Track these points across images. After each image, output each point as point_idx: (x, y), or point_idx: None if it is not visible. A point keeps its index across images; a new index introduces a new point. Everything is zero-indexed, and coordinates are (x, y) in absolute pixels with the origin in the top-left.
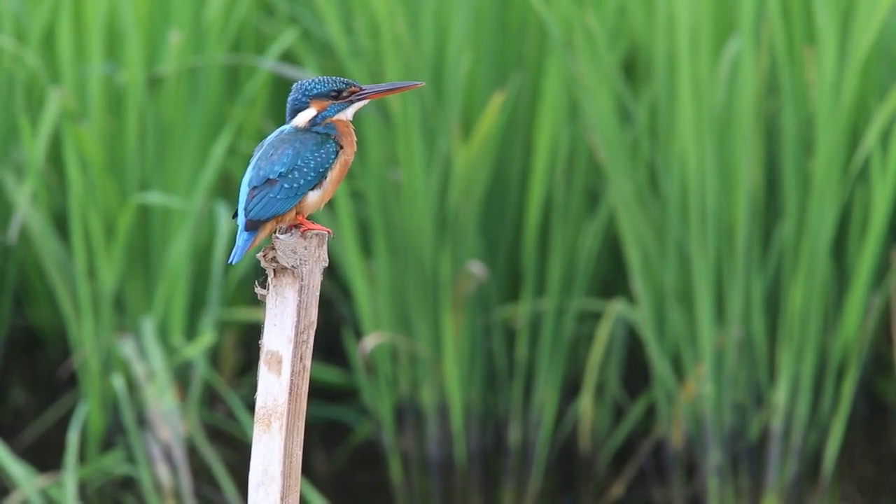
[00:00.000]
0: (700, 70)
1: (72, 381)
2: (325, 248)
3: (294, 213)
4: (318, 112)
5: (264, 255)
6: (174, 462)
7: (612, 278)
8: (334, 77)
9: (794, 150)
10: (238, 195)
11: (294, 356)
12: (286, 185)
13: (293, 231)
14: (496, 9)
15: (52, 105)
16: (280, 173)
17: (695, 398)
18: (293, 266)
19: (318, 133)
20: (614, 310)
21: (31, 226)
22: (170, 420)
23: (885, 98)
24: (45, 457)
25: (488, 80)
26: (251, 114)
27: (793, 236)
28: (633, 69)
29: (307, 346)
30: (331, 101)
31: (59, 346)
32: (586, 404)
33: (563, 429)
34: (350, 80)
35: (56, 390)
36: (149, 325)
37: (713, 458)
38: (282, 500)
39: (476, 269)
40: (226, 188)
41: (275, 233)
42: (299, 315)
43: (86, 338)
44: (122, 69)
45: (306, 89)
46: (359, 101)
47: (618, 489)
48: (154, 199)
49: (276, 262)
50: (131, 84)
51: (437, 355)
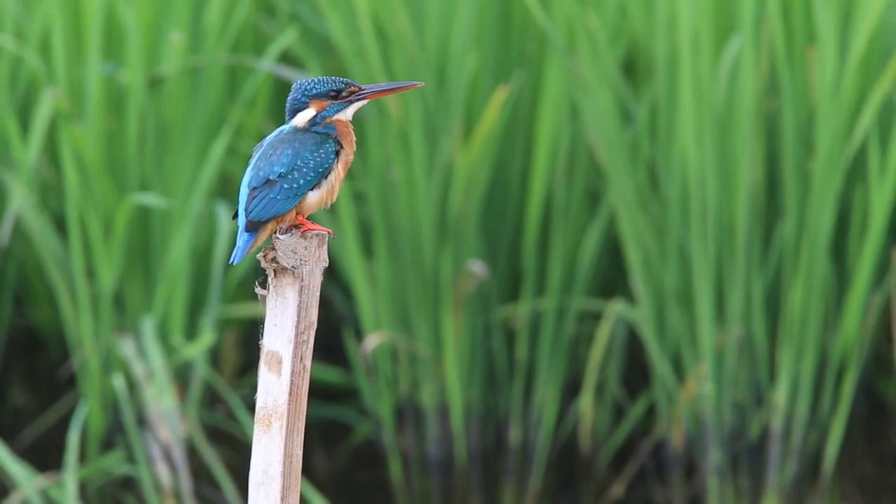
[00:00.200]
0: (701, 70)
1: (72, 381)
2: (325, 248)
3: (294, 213)
4: (318, 112)
5: (264, 256)
6: (174, 462)
7: (612, 278)
8: (334, 77)
9: (794, 150)
10: (238, 196)
11: (294, 356)
12: (286, 186)
13: (293, 231)
14: (498, 9)
15: (46, 105)
16: (279, 174)
17: (695, 398)
18: (293, 266)
19: (317, 133)
20: (614, 310)
21: (30, 226)
22: (169, 420)
23: (884, 99)
24: (45, 457)
25: (490, 81)
26: (251, 114)
27: (793, 236)
28: (633, 69)
29: (307, 347)
30: (330, 101)
31: (59, 346)
32: (586, 404)
33: (563, 428)
34: (349, 80)
35: (56, 390)
36: (149, 325)
37: (713, 457)
38: (282, 500)
39: (476, 269)
40: (226, 188)
41: (275, 233)
42: (299, 315)
43: (85, 338)
44: (122, 69)
45: (306, 89)
46: (358, 100)
47: (618, 489)
48: (149, 200)
49: (277, 263)
50: (131, 84)
51: (438, 355)
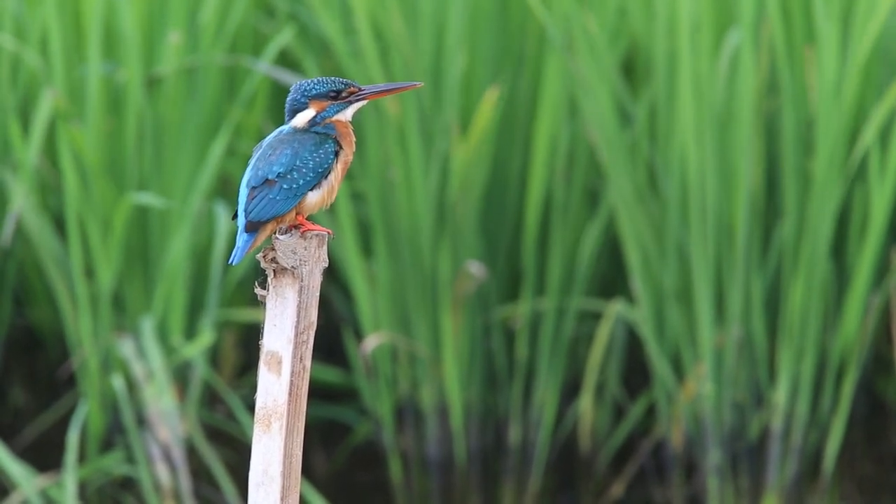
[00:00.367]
0: (700, 69)
1: (71, 381)
2: (324, 248)
3: (294, 213)
4: (317, 112)
5: (264, 256)
6: (173, 462)
7: (611, 278)
8: (333, 77)
9: (794, 150)
10: (237, 196)
11: (294, 356)
12: (285, 186)
13: (293, 232)
14: (496, 8)
15: (45, 105)
16: (279, 174)
17: (695, 398)
18: (293, 267)
19: (316, 133)
20: (614, 310)
21: (30, 225)
22: (169, 420)
23: (883, 98)
24: (44, 457)
25: (488, 80)
26: (250, 114)
27: (793, 236)
28: (632, 69)
29: (307, 347)
30: (330, 102)
31: (58, 345)
32: (586, 404)
33: (562, 428)
34: (349, 81)
35: (56, 390)
36: (148, 325)
37: (713, 457)
38: (282, 500)
39: (475, 270)
40: (225, 188)
41: (275, 233)
42: (299, 315)
43: (85, 337)
44: (120, 69)
45: (305, 90)
46: (357, 101)
47: (618, 489)
48: (147, 199)
49: (276, 263)
50: (130, 84)
51: (437, 355)
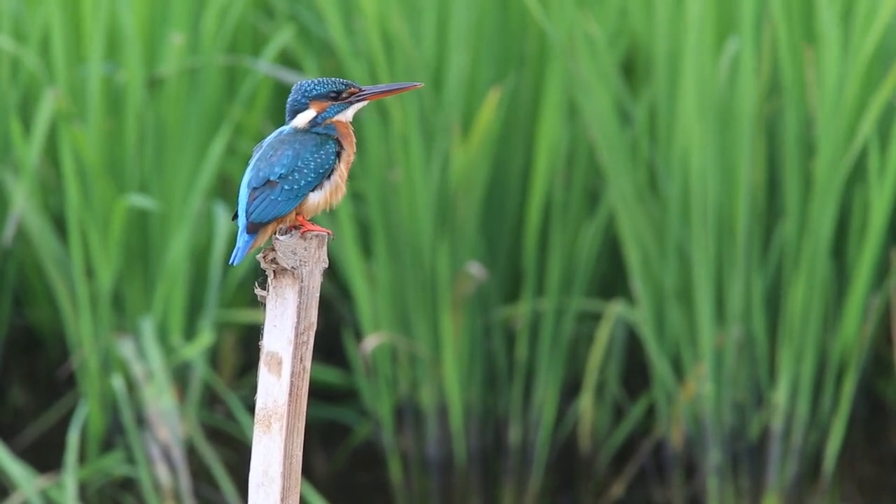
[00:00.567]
0: (702, 69)
1: (71, 382)
2: (324, 249)
3: (294, 214)
4: (318, 113)
5: (264, 257)
6: (173, 463)
7: (611, 278)
8: (334, 78)
9: (795, 150)
10: (237, 196)
11: (294, 357)
12: (286, 187)
13: (293, 232)
14: (497, 9)
15: (47, 106)
16: (280, 175)
17: (695, 398)
18: (293, 267)
19: (317, 134)
20: (614, 310)
21: (30, 226)
22: (169, 420)
23: (884, 102)
24: (44, 457)
25: (489, 81)
26: (251, 114)
27: (793, 236)
28: (632, 69)
29: (307, 348)
30: (330, 102)
31: (58, 346)
32: (586, 404)
33: (562, 429)
34: (349, 81)
35: (56, 390)
36: (148, 326)
37: (713, 457)
38: (282, 500)
39: (475, 271)
40: (225, 189)
41: (275, 234)
42: (299, 316)
43: (84, 338)
44: (121, 70)
45: (306, 90)
46: (358, 101)
47: (618, 489)
48: (145, 202)
49: (276, 264)
50: (130, 85)
51: (437, 356)
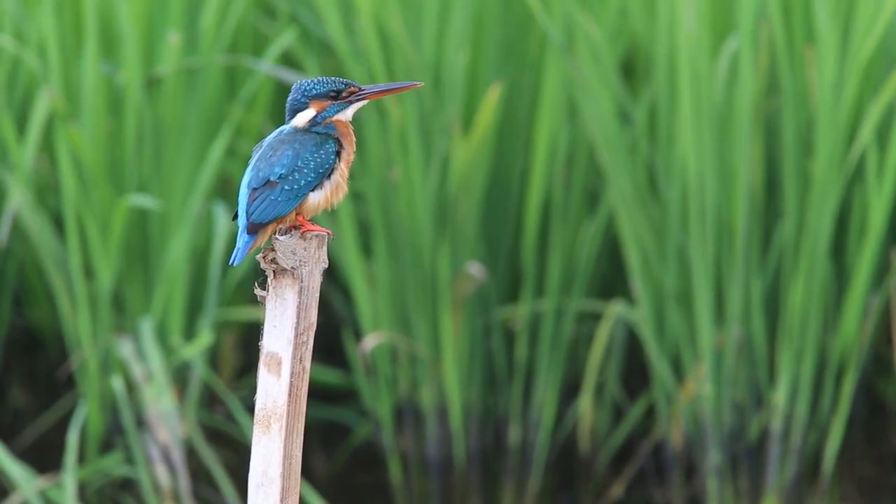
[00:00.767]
0: (700, 70)
1: (71, 382)
2: (324, 249)
3: (294, 214)
4: (318, 112)
5: (264, 257)
6: (173, 463)
7: (611, 279)
8: (333, 77)
9: (793, 150)
10: (237, 196)
11: (294, 357)
12: (286, 187)
13: (293, 232)
14: (497, 8)
15: (42, 105)
16: (280, 175)
17: (694, 398)
18: (293, 267)
19: (317, 133)
20: (614, 310)
21: (29, 226)
22: (168, 421)
23: (884, 106)
24: (44, 458)
25: (489, 80)
26: (251, 114)
27: (793, 236)
28: (632, 70)
29: (307, 348)
30: (330, 102)
31: (58, 346)
32: (586, 405)
33: (562, 429)
34: (349, 81)
35: (55, 391)
36: (147, 326)
37: (713, 458)
38: (281, 501)
39: (475, 271)
40: (224, 189)
41: (275, 234)
42: (299, 316)
43: (84, 338)
44: (119, 70)
45: (305, 89)
46: (358, 101)
47: (617, 489)
48: (145, 202)
49: (276, 264)
50: (129, 85)
51: (437, 356)
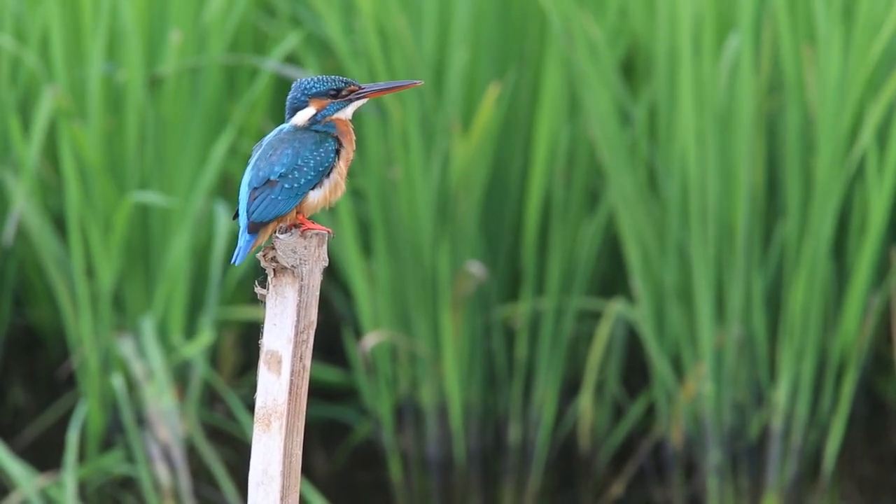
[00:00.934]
0: (701, 68)
1: (71, 381)
2: (324, 247)
3: (295, 212)
4: (318, 111)
5: (264, 255)
6: (173, 462)
7: (611, 277)
8: (333, 76)
9: (795, 149)
10: (238, 195)
11: (294, 356)
12: (286, 186)
13: (293, 231)
14: (497, 7)
15: (46, 104)
16: (280, 174)
17: (694, 397)
18: (293, 266)
19: (317, 132)
20: (614, 309)
21: (30, 225)
22: (169, 420)
23: (886, 105)
24: (44, 456)
25: (489, 79)
26: (251, 113)
27: (793, 235)
28: (632, 69)
29: (307, 346)
30: (330, 100)
31: (58, 345)
32: (586, 403)
33: (562, 428)
34: (349, 79)
35: (55, 390)
36: (148, 325)
37: (713, 457)
38: (281, 499)
39: (475, 270)
40: (225, 188)
41: (275, 232)
42: (299, 315)
43: (85, 337)
44: (121, 69)
45: (305, 88)
46: (358, 99)
47: (617, 488)
48: (149, 198)
49: (276, 262)
50: (131, 84)
51: (437, 354)
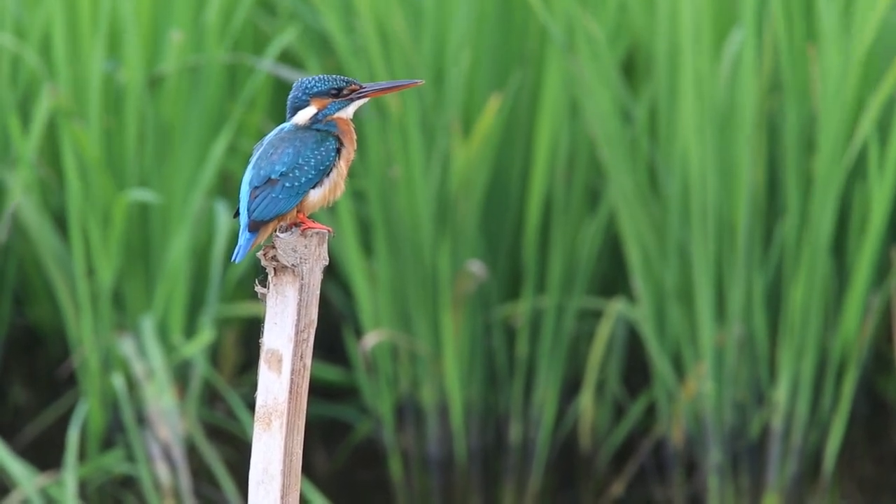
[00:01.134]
0: (702, 67)
1: (72, 380)
2: (325, 246)
3: (295, 211)
4: (319, 110)
5: (265, 254)
6: (173, 461)
7: (612, 276)
8: (335, 75)
9: (795, 148)
10: (238, 194)
11: (294, 355)
12: (287, 185)
13: (293, 229)
14: (498, 7)
15: (45, 101)
16: (281, 172)
17: (695, 396)
18: (293, 265)
19: (318, 131)
20: (615, 308)
21: (30, 224)
22: (169, 419)
23: (885, 98)
24: (45, 455)
25: (489, 78)
26: (251, 112)
27: (794, 234)
28: (633, 68)
29: (307, 345)
30: (331, 99)
31: (59, 344)
32: (587, 402)
33: (563, 427)
34: (350, 79)
35: (56, 389)
36: (148, 324)
37: (713, 456)
38: (282, 498)
39: (476, 269)
40: (225, 186)
41: (275, 231)
42: (299, 314)
43: (85, 336)
44: (122, 68)
45: (306, 87)
46: (359, 98)
47: (618, 487)
48: (146, 196)
49: (277, 261)
50: (131, 83)
51: (438, 353)
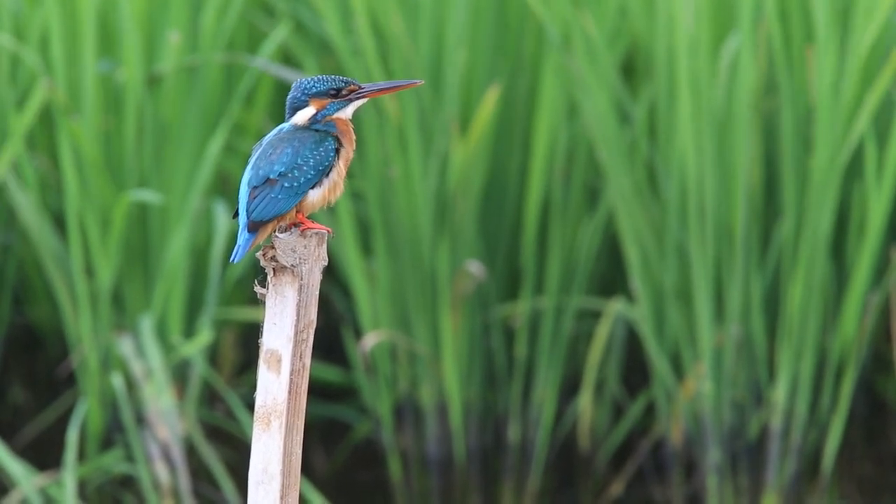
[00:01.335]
0: (699, 69)
1: (71, 380)
2: (324, 246)
3: (295, 211)
4: (318, 110)
5: (264, 254)
6: (173, 461)
7: (611, 277)
8: (333, 75)
9: (793, 149)
10: (237, 194)
11: (293, 355)
12: (286, 185)
13: (293, 230)
14: (495, 7)
15: (39, 93)
16: (280, 173)
17: (694, 396)
18: (293, 265)
19: (317, 131)
20: (613, 308)
21: (29, 224)
22: (168, 419)
23: (881, 95)
24: (44, 455)
25: (487, 79)
26: (250, 112)
27: (792, 235)
28: (632, 69)
29: (307, 345)
30: (330, 100)
31: (58, 344)
32: (585, 403)
33: (562, 427)
34: (349, 79)
35: (55, 388)
36: (147, 324)
37: (712, 456)
38: (281, 498)
39: (474, 269)
40: (224, 186)
41: (274, 231)
42: (299, 314)
43: (84, 336)
44: (120, 67)
45: (305, 87)
46: (358, 99)
47: (617, 487)
48: (146, 196)
49: (276, 261)
50: (129, 82)
51: (437, 354)
